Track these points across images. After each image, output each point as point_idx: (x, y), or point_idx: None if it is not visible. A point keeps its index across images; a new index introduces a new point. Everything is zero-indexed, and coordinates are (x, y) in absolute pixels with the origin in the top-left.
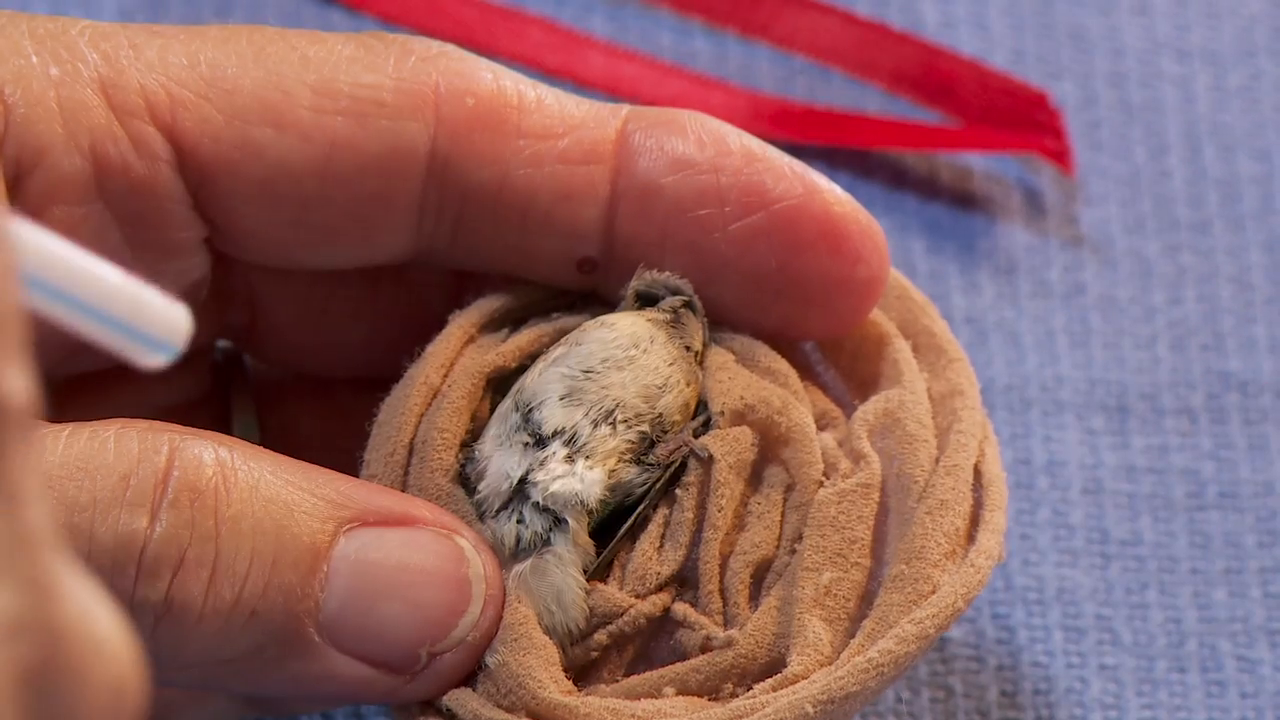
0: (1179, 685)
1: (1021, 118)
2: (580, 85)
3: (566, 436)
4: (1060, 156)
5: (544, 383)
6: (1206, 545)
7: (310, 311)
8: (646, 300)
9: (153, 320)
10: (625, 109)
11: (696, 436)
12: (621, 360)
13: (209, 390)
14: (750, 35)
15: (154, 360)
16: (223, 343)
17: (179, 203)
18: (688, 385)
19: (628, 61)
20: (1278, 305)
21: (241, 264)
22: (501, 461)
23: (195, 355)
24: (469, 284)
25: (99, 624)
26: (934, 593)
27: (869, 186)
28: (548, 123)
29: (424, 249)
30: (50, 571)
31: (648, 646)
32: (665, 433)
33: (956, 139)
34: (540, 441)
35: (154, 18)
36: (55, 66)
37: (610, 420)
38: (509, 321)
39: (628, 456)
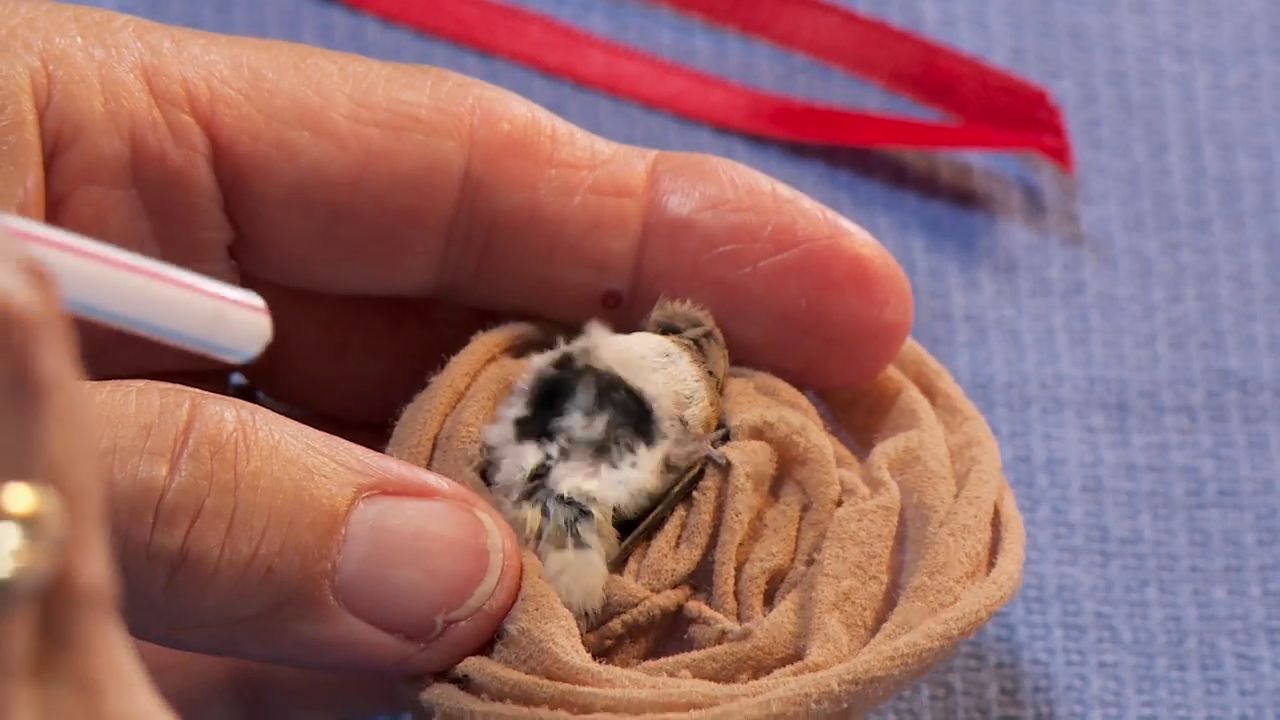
0: (1178, 683)
1: (1021, 116)
2: (580, 83)
3: None
4: (1060, 154)
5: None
6: (1206, 543)
7: (330, 343)
8: (668, 331)
9: (231, 333)
10: (652, 152)
11: (715, 447)
12: (654, 364)
13: None
14: (750, 33)
15: (230, 360)
16: (238, 378)
17: (210, 200)
18: (711, 405)
19: (627, 59)
20: (1277, 303)
21: (265, 286)
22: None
23: (209, 376)
24: (490, 327)
25: None
26: (955, 604)
27: (869, 184)
28: (579, 155)
29: (447, 280)
30: None
31: (660, 644)
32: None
33: (956, 137)
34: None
35: (153, 15)
36: (100, 49)
37: None
38: (528, 350)
39: None
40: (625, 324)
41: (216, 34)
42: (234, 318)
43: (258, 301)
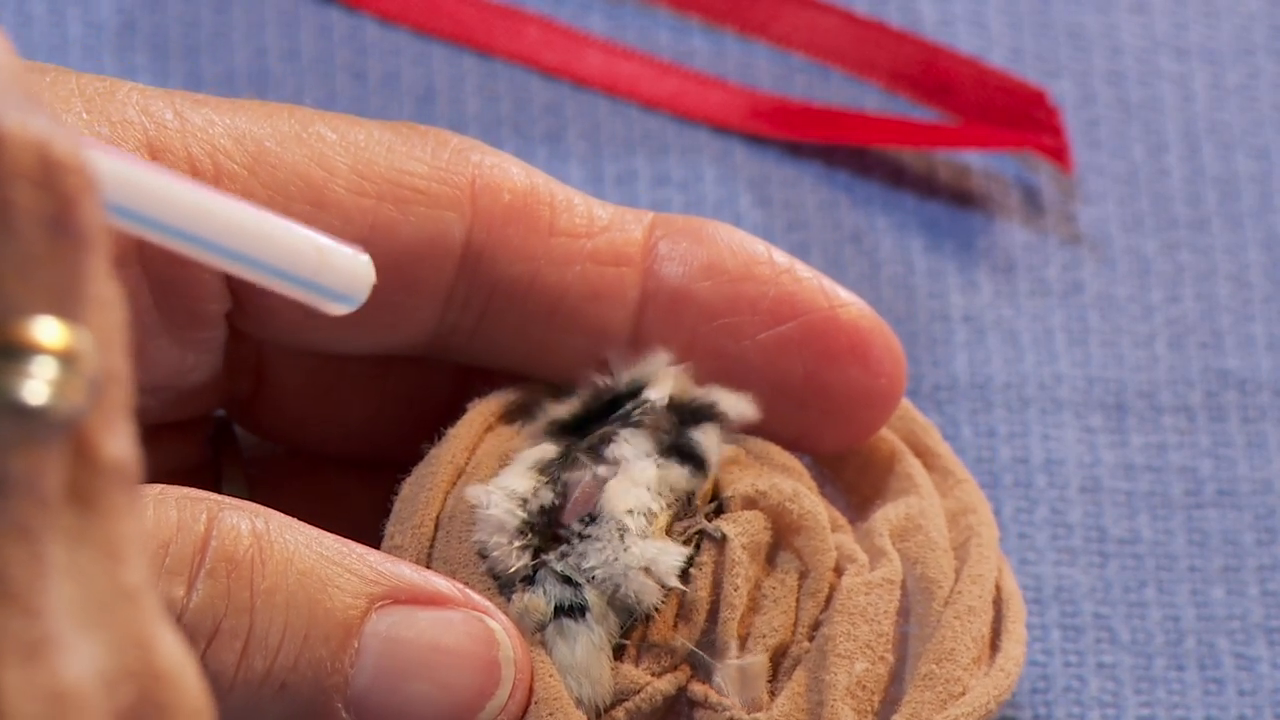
0: (1177, 683)
1: (1019, 116)
2: (578, 83)
3: None
4: (1058, 154)
5: None
6: (1204, 543)
7: (316, 388)
8: None
9: (335, 275)
10: (649, 215)
11: (709, 520)
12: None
13: (202, 461)
14: (748, 33)
15: (336, 310)
16: (218, 412)
17: (212, 274)
18: (706, 477)
19: (625, 60)
20: (1276, 303)
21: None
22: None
23: (192, 425)
24: (478, 378)
25: (182, 664)
26: (964, 694)
27: (867, 185)
28: (577, 223)
29: (442, 341)
30: (148, 622)
31: None
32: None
33: (954, 137)
34: None
35: (150, 16)
36: (105, 126)
37: None
38: (521, 415)
39: None
40: None
41: (219, 100)
42: (338, 262)
43: (360, 249)
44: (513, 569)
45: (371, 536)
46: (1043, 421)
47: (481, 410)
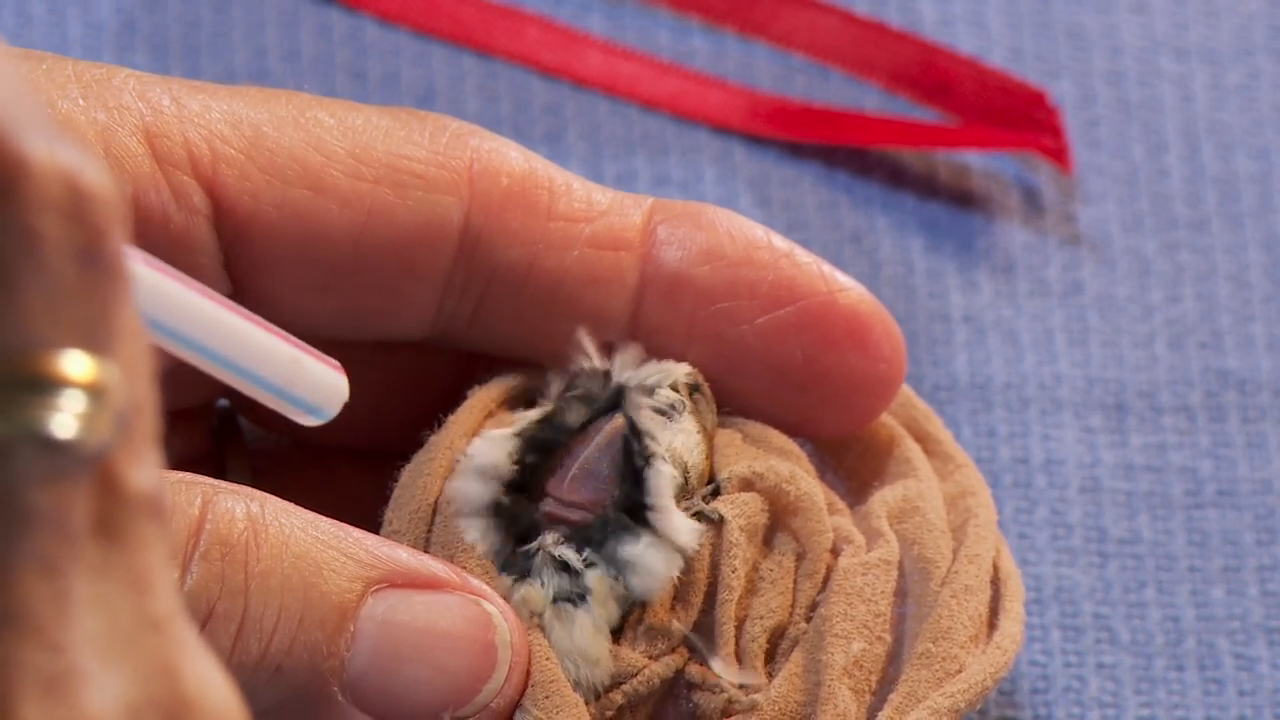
0: (1177, 683)
1: (1019, 116)
2: (578, 83)
3: None
4: (1058, 155)
5: None
6: (1204, 543)
7: None
8: None
9: (309, 386)
10: (648, 200)
11: (706, 502)
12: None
13: (206, 451)
14: (748, 34)
15: (307, 421)
16: (221, 402)
17: (210, 258)
18: (705, 458)
19: (625, 60)
20: (1275, 303)
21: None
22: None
23: (195, 414)
24: (480, 365)
25: (212, 689)
26: (960, 672)
27: (867, 185)
28: (576, 207)
29: (441, 327)
30: (176, 650)
31: (658, 709)
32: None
33: (954, 137)
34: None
35: (150, 16)
36: (102, 112)
37: None
38: (522, 402)
39: None
40: None
41: (216, 86)
42: (312, 371)
43: (334, 361)
44: (493, 551)
45: (375, 526)
46: (1043, 422)
47: (481, 397)
